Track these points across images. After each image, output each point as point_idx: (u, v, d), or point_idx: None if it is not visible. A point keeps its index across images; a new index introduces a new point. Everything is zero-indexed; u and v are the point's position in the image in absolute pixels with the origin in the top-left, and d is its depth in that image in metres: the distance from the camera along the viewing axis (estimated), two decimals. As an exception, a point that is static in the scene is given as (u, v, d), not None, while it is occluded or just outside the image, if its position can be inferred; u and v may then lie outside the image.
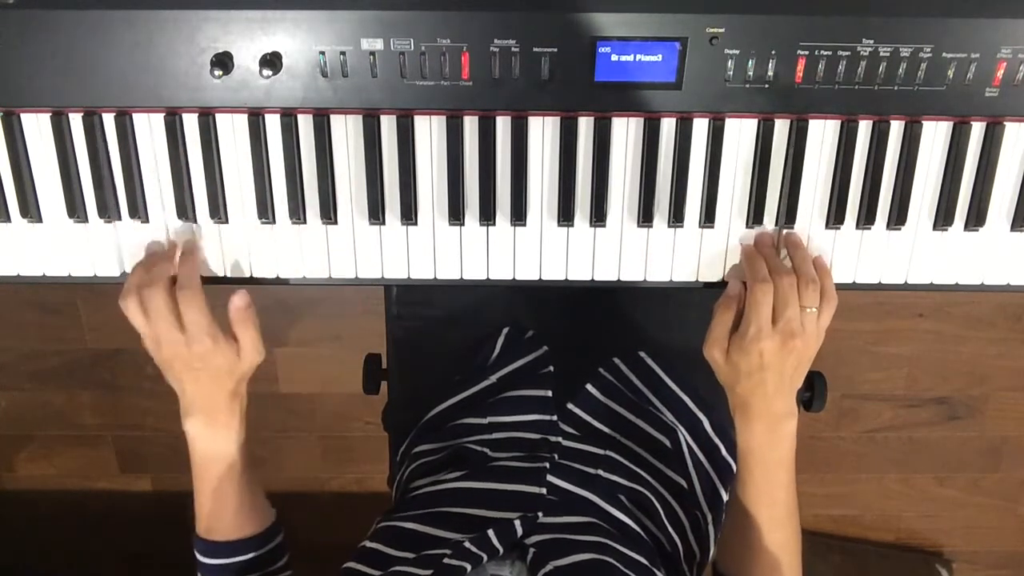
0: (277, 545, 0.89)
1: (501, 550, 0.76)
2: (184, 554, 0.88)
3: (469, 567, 0.73)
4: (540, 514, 0.80)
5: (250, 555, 0.86)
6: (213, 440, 0.83)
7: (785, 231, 0.83)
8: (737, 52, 0.76)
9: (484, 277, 0.85)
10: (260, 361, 0.82)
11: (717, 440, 1.00)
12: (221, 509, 0.85)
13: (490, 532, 0.76)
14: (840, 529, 2.08)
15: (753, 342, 0.77)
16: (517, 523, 0.78)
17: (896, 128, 0.80)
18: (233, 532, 0.86)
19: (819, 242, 0.84)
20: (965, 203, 0.83)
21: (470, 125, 0.80)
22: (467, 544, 0.75)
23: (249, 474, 0.86)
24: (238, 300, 0.80)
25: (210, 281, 0.84)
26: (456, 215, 0.82)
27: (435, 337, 1.11)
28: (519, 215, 0.82)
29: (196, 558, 0.87)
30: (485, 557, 0.75)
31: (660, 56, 0.76)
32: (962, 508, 2.07)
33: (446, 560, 0.73)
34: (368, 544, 0.81)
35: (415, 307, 1.11)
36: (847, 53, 0.76)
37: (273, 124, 0.80)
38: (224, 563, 0.86)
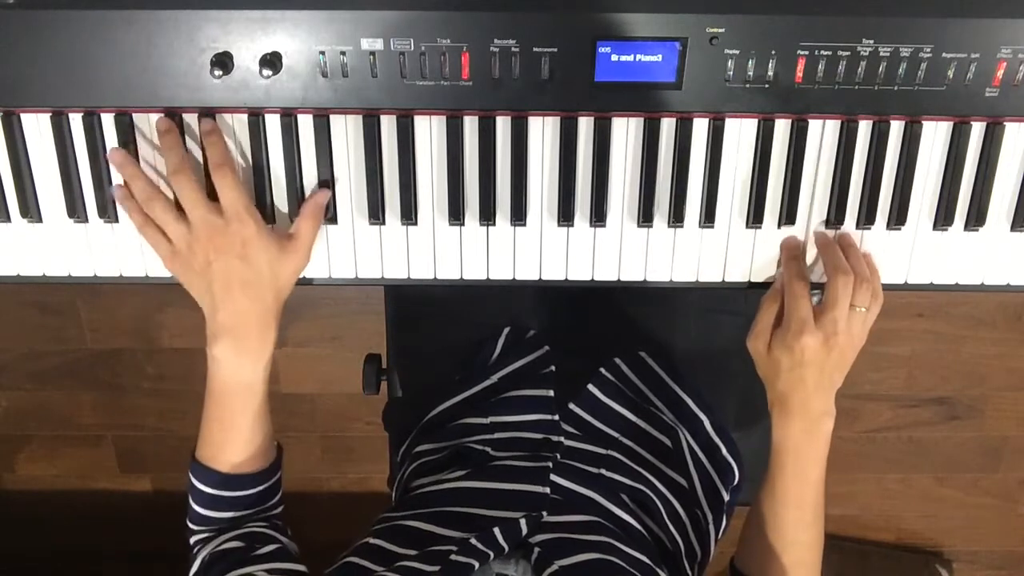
0: (275, 482, 0.87)
1: (506, 548, 0.76)
2: (183, 554, 0.88)
3: (477, 564, 0.73)
4: (544, 513, 0.80)
5: (252, 490, 0.84)
6: (238, 368, 0.79)
7: (834, 231, 0.83)
8: (737, 52, 0.76)
9: (484, 277, 0.85)
10: (304, 267, 0.80)
11: (718, 440, 1.00)
12: (231, 441, 0.82)
13: (496, 530, 0.76)
14: (840, 529, 2.08)
15: (795, 337, 0.78)
16: (522, 522, 0.78)
17: (896, 128, 0.80)
18: (239, 466, 0.83)
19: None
20: (965, 203, 0.83)
21: (470, 125, 0.80)
22: (473, 541, 0.75)
23: (265, 409, 0.83)
24: (320, 196, 0.80)
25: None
26: (456, 215, 0.82)
27: (435, 337, 1.11)
28: (519, 215, 0.82)
29: (190, 480, 0.84)
30: (491, 555, 0.75)
31: (660, 56, 0.76)
32: (962, 508, 2.07)
33: (453, 557, 0.73)
34: (371, 540, 0.81)
35: (415, 307, 1.11)
36: (847, 53, 0.76)
37: (273, 124, 0.80)
38: (221, 495, 0.83)
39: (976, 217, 0.83)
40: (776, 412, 0.82)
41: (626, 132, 0.80)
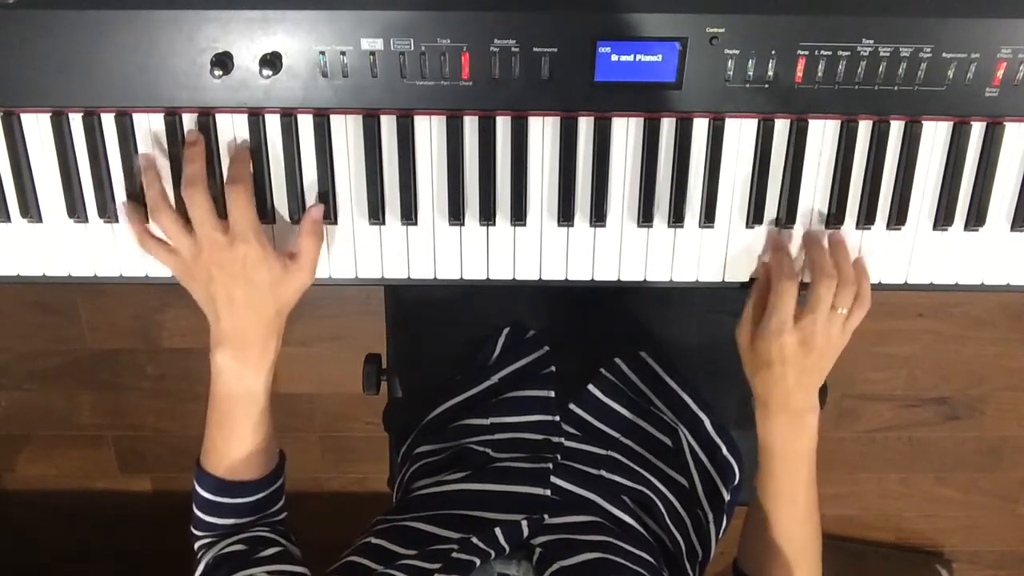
0: (277, 489, 0.87)
1: (507, 549, 0.76)
2: (183, 554, 0.88)
3: (478, 561, 0.73)
4: (546, 516, 0.81)
5: (252, 497, 0.85)
6: (240, 377, 0.80)
7: (829, 231, 0.83)
8: (737, 52, 0.76)
9: (484, 277, 0.85)
10: (308, 284, 0.80)
11: (718, 440, 1.00)
12: (233, 448, 0.82)
13: (497, 530, 0.76)
14: (840, 529, 2.08)
15: (774, 335, 0.78)
16: (524, 524, 0.78)
17: (896, 128, 0.80)
18: (240, 472, 0.83)
19: (819, 242, 0.84)
20: (965, 203, 0.83)
21: (470, 125, 0.80)
22: (474, 540, 0.75)
23: (267, 416, 0.84)
24: (315, 211, 0.80)
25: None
26: (456, 215, 0.82)
27: (435, 337, 1.11)
28: (519, 215, 0.82)
29: (193, 486, 0.84)
30: (492, 554, 0.75)
31: (660, 56, 0.76)
32: (962, 508, 2.07)
33: (454, 555, 0.73)
34: (372, 540, 0.81)
35: (415, 307, 1.11)
36: (847, 53, 0.76)
37: (273, 124, 0.80)
38: (225, 501, 0.84)
39: (976, 217, 0.83)
40: (759, 410, 0.83)
41: (626, 132, 0.80)
